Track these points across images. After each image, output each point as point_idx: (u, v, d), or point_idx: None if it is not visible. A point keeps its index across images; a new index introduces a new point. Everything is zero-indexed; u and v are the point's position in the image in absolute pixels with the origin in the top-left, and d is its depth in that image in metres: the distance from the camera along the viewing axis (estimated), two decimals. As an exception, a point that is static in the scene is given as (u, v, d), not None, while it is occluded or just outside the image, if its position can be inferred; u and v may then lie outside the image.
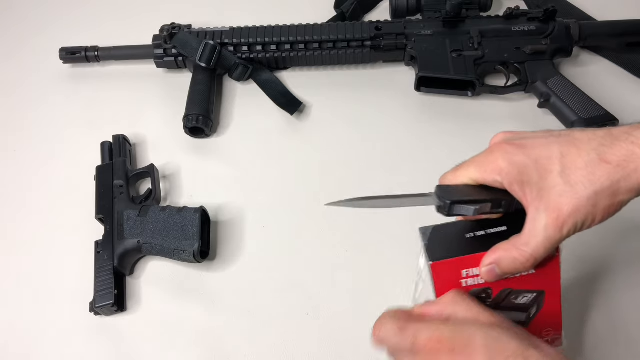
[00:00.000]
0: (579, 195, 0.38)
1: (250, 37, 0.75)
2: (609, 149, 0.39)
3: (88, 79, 0.80)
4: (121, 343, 0.59)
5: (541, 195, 0.40)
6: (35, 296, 0.62)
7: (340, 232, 0.65)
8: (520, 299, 0.44)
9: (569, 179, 0.39)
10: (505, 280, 0.42)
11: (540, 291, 0.44)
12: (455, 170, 0.44)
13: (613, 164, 0.38)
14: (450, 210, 0.41)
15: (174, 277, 0.63)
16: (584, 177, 0.38)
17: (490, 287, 0.43)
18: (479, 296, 0.43)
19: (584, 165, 0.39)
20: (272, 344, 0.58)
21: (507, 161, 0.40)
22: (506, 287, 0.43)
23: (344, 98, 0.76)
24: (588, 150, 0.39)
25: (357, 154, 0.71)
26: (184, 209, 0.62)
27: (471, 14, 0.76)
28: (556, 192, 0.39)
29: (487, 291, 0.44)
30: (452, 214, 0.41)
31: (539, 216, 0.39)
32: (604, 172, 0.38)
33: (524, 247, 0.40)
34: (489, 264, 0.41)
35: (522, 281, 0.43)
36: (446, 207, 0.41)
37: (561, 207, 0.39)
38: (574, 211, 0.38)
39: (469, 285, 0.43)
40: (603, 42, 0.77)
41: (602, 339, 0.57)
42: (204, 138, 0.73)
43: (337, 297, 0.60)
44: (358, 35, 0.75)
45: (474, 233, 0.44)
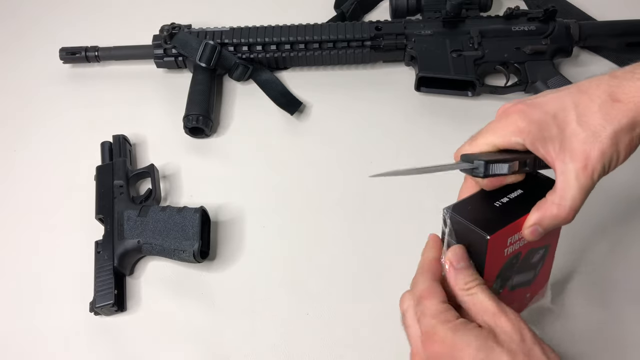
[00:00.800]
0: (601, 138, 0.39)
1: (250, 37, 0.75)
2: (617, 89, 0.40)
3: (88, 79, 0.80)
4: (121, 343, 0.59)
5: (564, 148, 0.40)
6: (35, 296, 0.62)
7: (341, 232, 0.65)
8: (534, 257, 0.46)
9: (587, 125, 0.40)
10: (528, 244, 0.44)
11: (547, 245, 0.46)
12: (472, 140, 0.44)
13: (624, 102, 0.39)
14: (487, 170, 0.40)
15: (174, 277, 0.63)
16: (601, 119, 0.39)
17: (521, 252, 0.44)
18: (511, 266, 0.44)
19: (598, 109, 0.40)
20: (272, 344, 0.58)
21: (525, 120, 0.41)
22: (532, 248, 0.44)
23: (344, 98, 0.76)
24: (599, 94, 0.40)
25: (357, 154, 0.71)
26: (184, 209, 0.62)
27: (471, 14, 0.76)
28: (578, 140, 0.40)
29: (518, 257, 0.45)
30: (488, 174, 0.40)
31: (567, 168, 0.40)
32: (618, 111, 0.39)
33: (562, 201, 0.40)
34: (532, 224, 0.41)
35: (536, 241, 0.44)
36: (481, 166, 0.40)
37: (587, 153, 0.39)
38: (601, 155, 0.39)
39: (508, 254, 0.43)
40: (603, 42, 0.77)
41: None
42: (204, 138, 0.73)
43: (337, 297, 0.60)
44: (358, 35, 0.75)
45: (500, 201, 0.44)
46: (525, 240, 0.43)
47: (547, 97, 0.42)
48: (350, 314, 0.59)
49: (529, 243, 0.44)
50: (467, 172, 0.41)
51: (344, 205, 0.67)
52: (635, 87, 0.39)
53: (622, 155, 0.40)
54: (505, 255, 0.43)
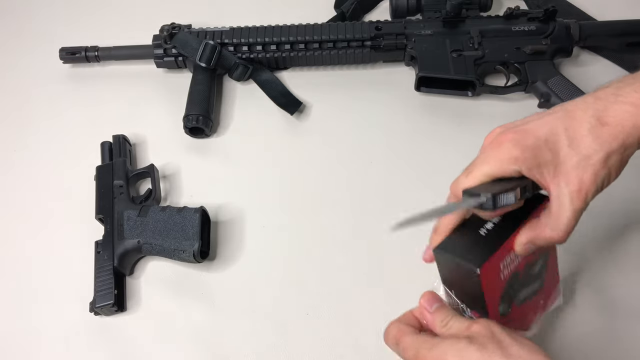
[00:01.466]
0: (593, 161, 0.40)
1: (250, 37, 0.75)
2: (604, 112, 0.41)
3: (88, 79, 0.80)
4: (121, 343, 0.59)
5: (558, 172, 0.41)
6: (35, 296, 0.62)
7: (341, 232, 0.65)
8: (534, 269, 0.47)
9: (579, 149, 0.41)
10: (525, 259, 0.45)
11: (545, 254, 0.47)
12: (467, 172, 0.44)
13: (613, 125, 0.41)
14: (495, 203, 0.40)
15: (174, 277, 0.63)
16: (592, 142, 0.41)
17: (518, 271, 0.45)
18: (511, 283, 0.44)
19: (588, 132, 0.41)
20: (272, 344, 0.58)
21: (519, 148, 0.41)
22: (526, 263, 0.45)
23: (344, 98, 0.76)
24: (587, 118, 0.41)
25: (357, 154, 0.71)
26: (184, 209, 0.62)
27: (471, 14, 0.76)
28: (572, 164, 0.41)
29: (517, 275, 0.45)
30: (497, 206, 0.40)
31: (562, 192, 0.41)
32: (607, 134, 0.40)
33: (557, 225, 0.41)
34: (525, 243, 0.43)
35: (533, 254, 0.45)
36: (490, 200, 0.40)
37: (581, 177, 0.41)
38: (594, 178, 0.41)
39: (505, 277, 0.44)
40: (603, 42, 0.77)
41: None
42: (204, 138, 0.73)
43: (337, 297, 0.60)
44: (358, 35, 0.75)
45: (484, 228, 0.44)
46: (518, 260, 0.44)
47: (535, 122, 0.43)
48: (350, 314, 0.59)
49: (524, 260, 0.45)
50: (476, 207, 0.41)
51: (344, 205, 0.67)
52: (622, 111, 0.41)
53: (614, 175, 0.42)
54: (503, 280, 0.44)
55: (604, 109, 0.41)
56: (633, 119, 0.40)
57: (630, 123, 0.40)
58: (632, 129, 0.40)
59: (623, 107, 0.41)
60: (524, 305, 0.47)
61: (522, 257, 0.44)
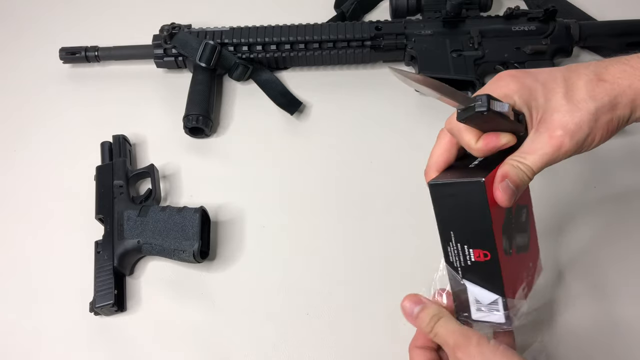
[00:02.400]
0: (581, 111, 0.41)
1: (250, 37, 0.75)
2: (604, 69, 0.43)
3: (88, 79, 0.80)
4: (121, 343, 0.59)
5: (545, 119, 0.42)
6: (35, 296, 0.62)
7: (341, 231, 0.65)
8: (522, 215, 0.47)
9: (572, 98, 0.42)
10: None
11: (526, 205, 0.48)
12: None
13: (609, 82, 0.42)
14: (489, 104, 0.40)
15: (174, 277, 0.63)
16: (585, 94, 0.42)
17: (511, 208, 0.44)
18: (509, 218, 0.45)
19: (584, 85, 0.42)
20: (272, 344, 0.58)
21: (518, 83, 0.43)
22: (517, 204, 0.45)
23: (344, 98, 0.76)
24: (586, 72, 0.43)
25: (357, 154, 0.71)
26: (184, 209, 0.62)
27: (471, 14, 0.76)
28: (560, 112, 0.42)
29: (510, 210, 0.45)
30: (491, 107, 0.40)
31: (539, 136, 0.42)
32: (602, 89, 0.41)
33: (524, 160, 0.42)
34: (501, 179, 0.42)
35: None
36: (485, 100, 0.40)
37: (564, 124, 0.41)
38: (577, 127, 0.41)
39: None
40: (603, 42, 0.77)
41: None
42: (204, 138, 0.73)
43: (337, 297, 0.60)
44: (358, 35, 0.75)
45: (472, 164, 0.45)
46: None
47: (540, 70, 0.45)
48: (351, 314, 0.59)
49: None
50: (469, 110, 0.41)
51: (345, 205, 0.67)
52: (620, 69, 0.42)
53: (599, 136, 0.42)
54: (502, 208, 0.43)
55: (605, 67, 0.43)
56: (630, 78, 0.41)
57: (627, 82, 0.41)
58: (627, 88, 0.41)
59: (622, 67, 0.42)
60: (520, 256, 0.47)
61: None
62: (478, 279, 0.45)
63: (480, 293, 0.45)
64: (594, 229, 0.63)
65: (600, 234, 0.63)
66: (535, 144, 0.42)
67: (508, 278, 0.44)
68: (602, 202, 0.65)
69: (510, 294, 0.44)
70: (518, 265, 0.46)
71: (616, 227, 0.63)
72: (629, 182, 0.67)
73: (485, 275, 0.44)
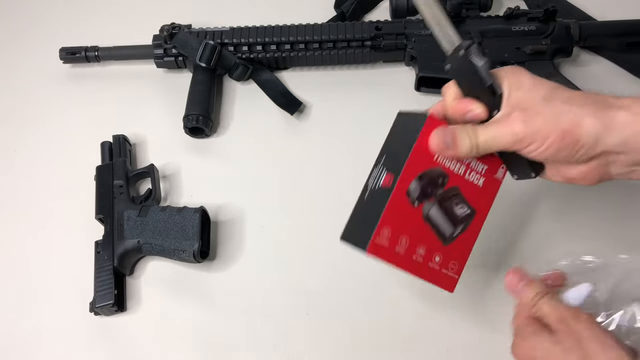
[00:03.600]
0: (548, 106, 0.41)
1: (250, 37, 0.75)
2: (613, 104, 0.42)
3: (88, 79, 0.80)
4: (121, 343, 0.59)
5: (515, 104, 0.42)
6: (35, 296, 0.62)
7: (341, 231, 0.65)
8: (458, 207, 0.48)
9: (548, 98, 0.42)
10: (460, 178, 0.47)
11: (473, 210, 0.48)
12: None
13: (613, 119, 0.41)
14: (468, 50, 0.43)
15: (174, 277, 0.63)
16: (563, 98, 0.42)
17: (448, 176, 0.47)
18: (436, 180, 0.46)
19: (570, 93, 0.42)
20: (272, 344, 0.58)
21: (515, 74, 0.44)
22: (456, 185, 0.47)
23: (344, 98, 0.76)
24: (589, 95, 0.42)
25: (357, 154, 0.70)
26: (184, 209, 0.62)
27: (471, 14, 0.76)
28: (529, 102, 0.42)
29: (444, 179, 0.47)
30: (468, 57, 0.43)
31: (500, 117, 0.43)
32: (583, 101, 0.41)
33: (478, 128, 0.44)
34: (446, 128, 0.44)
35: (468, 188, 0.48)
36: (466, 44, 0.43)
37: (524, 109, 0.42)
38: (533, 115, 0.41)
39: (438, 162, 0.46)
40: (603, 42, 0.77)
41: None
42: (204, 138, 0.73)
43: (337, 297, 0.60)
44: (358, 35, 0.75)
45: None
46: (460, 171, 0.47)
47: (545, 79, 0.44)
48: (351, 314, 0.59)
49: (459, 179, 0.47)
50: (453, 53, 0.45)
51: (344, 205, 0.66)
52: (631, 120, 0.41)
53: (553, 138, 0.41)
54: (434, 161, 0.46)
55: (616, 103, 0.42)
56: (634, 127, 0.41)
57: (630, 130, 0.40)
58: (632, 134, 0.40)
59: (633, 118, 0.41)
60: (426, 227, 0.47)
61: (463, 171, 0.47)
62: (373, 208, 0.47)
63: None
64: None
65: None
66: (492, 122, 0.43)
67: (390, 217, 0.45)
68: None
69: (375, 237, 0.45)
70: (412, 223, 0.46)
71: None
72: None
73: (377, 203, 0.46)
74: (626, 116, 0.40)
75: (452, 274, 0.48)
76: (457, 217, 0.48)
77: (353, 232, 0.49)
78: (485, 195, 0.48)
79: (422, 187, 0.46)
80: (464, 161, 0.47)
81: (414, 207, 0.46)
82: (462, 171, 0.47)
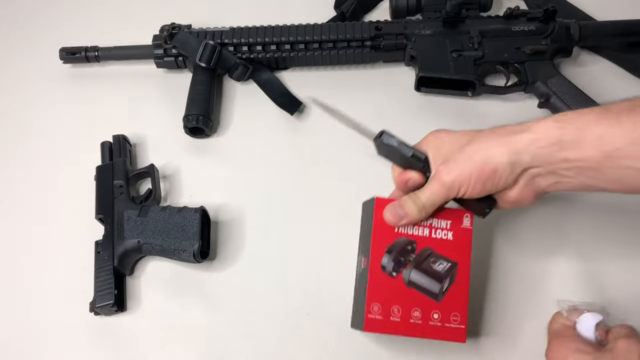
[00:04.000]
0: (461, 151, 0.49)
1: (250, 37, 0.75)
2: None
3: (88, 79, 0.80)
4: (121, 343, 0.59)
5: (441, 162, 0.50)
6: (35, 296, 0.62)
7: (341, 231, 0.65)
8: (437, 264, 0.52)
9: (463, 147, 0.49)
10: (428, 239, 0.52)
11: (454, 263, 0.52)
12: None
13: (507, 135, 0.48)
14: (380, 136, 0.52)
15: (174, 277, 0.63)
16: (473, 143, 0.49)
17: (415, 242, 0.52)
18: (405, 248, 0.52)
19: (480, 134, 0.50)
20: (272, 344, 0.58)
21: (436, 137, 0.53)
22: (428, 247, 0.52)
23: (344, 98, 0.76)
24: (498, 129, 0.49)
25: (357, 154, 0.71)
26: (184, 209, 0.62)
27: (471, 14, 0.76)
28: (450, 157, 0.49)
29: (413, 245, 0.52)
30: (381, 140, 0.52)
31: (432, 176, 0.51)
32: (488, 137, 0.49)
33: (419, 192, 0.51)
34: (395, 203, 0.51)
35: (441, 245, 0.52)
36: (378, 134, 0.52)
37: (446, 162, 0.49)
38: (453, 164, 0.49)
39: (400, 232, 0.52)
40: (603, 42, 0.77)
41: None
42: (204, 138, 0.73)
43: (337, 297, 0.60)
44: (358, 35, 0.75)
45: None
46: (425, 233, 0.52)
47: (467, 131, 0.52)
48: (351, 314, 0.59)
49: (427, 240, 0.52)
50: (373, 138, 0.53)
51: (344, 205, 0.67)
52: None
53: (474, 175, 0.48)
54: (396, 232, 0.52)
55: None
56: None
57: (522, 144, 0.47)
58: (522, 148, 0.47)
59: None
60: (411, 291, 0.51)
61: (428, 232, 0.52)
62: (361, 291, 0.53)
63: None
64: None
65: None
66: (428, 182, 0.51)
67: (374, 294, 0.50)
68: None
69: (367, 314, 0.50)
70: (398, 290, 0.51)
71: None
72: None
73: (362, 285, 0.52)
74: (528, 137, 0.46)
75: (456, 325, 0.51)
76: (438, 273, 0.51)
77: (354, 317, 0.55)
78: (460, 246, 0.52)
79: (394, 258, 0.51)
80: (424, 223, 0.52)
81: (393, 277, 0.51)
82: (427, 233, 0.52)
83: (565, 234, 0.64)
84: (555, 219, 0.64)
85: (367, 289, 0.50)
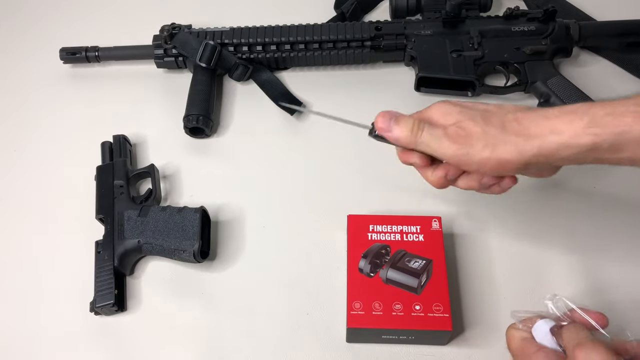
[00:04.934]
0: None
1: (250, 37, 0.75)
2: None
3: (88, 79, 0.80)
4: (121, 343, 0.59)
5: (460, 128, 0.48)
6: (35, 296, 0.62)
7: (341, 231, 0.65)
8: (412, 263, 0.55)
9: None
10: (401, 242, 0.57)
11: (429, 260, 0.56)
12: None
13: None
14: (373, 129, 0.53)
15: (174, 277, 0.63)
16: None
17: (389, 246, 0.57)
18: (379, 252, 0.56)
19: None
20: (272, 344, 0.58)
21: (443, 104, 0.52)
22: (401, 249, 0.56)
23: (344, 98, 0.76)
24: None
25: (357, 154, 0.71)
26: (184, 209, 0.62)
27: (471, 14, 0.76)
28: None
29: (387, 248, 0.56)
30: (374, 133, 0.53)
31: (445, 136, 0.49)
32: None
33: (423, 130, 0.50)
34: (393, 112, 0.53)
35: (414, 247, 0.57)
36: (372, 128, 0.53)
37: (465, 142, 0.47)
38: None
39: (372, 240, 0.57)
40: (603, 42, 0.77)
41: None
42: (204, 138, 0.73)
43: (337, 297, 0.60)
44: (358, 35, 0.75)
45: None
46: (393, 237, 0.57)
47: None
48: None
49: (400, 244, 0.56)
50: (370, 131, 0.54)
51: (345, 205, 0.67)
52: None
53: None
54: (370, 240, 0.57)
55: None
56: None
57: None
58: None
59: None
60: (390, 287, 0.54)
61: (400, 237, 0.57)
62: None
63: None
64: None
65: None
66: (440, 133, 0.49)
67: (354, 293, 0.54)
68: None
69: (350, 311, 0.53)
70: (382, 289, 0.54)
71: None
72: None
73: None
74: (557, 142, 0.44)
75: (440, 314, 0.53)
76: (415, 270, 0.55)
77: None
78: (432, 245, 0.57)
79: (370, 260, 0.56)
80: (397, 230, 0.57)
81: (371, 277, 0.55)
82: (398, 237, 0.57)
83: (570, 230, 0.64)
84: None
85: (348, 290, 0.55)
